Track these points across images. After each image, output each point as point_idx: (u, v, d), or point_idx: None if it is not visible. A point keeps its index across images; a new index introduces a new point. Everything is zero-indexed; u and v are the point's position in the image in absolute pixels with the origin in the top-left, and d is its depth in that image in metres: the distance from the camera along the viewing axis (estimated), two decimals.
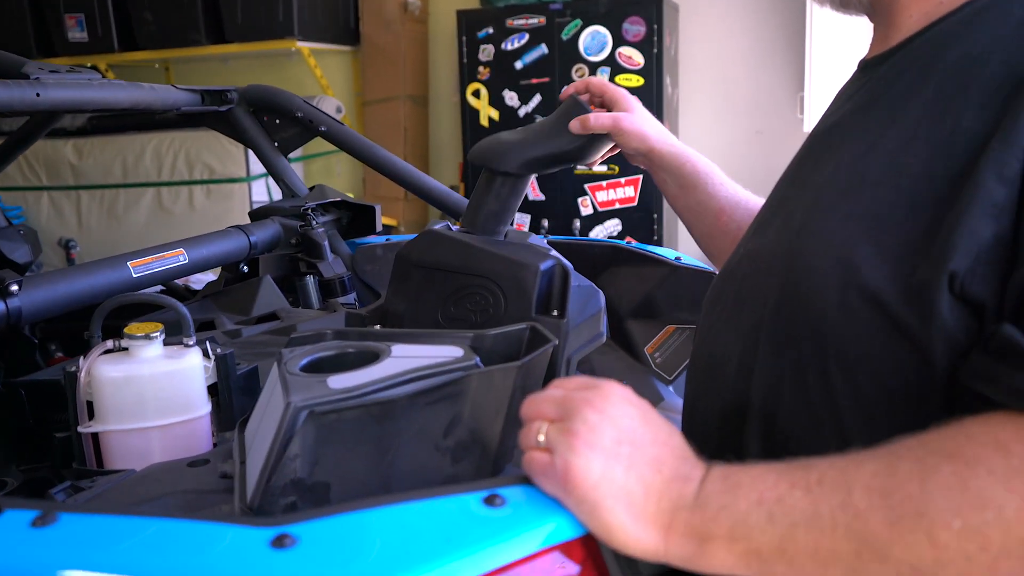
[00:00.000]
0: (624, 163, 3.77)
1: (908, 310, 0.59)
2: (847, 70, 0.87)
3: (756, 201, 1.12)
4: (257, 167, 4.09)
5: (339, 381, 0.80)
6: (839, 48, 3.45)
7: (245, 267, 1.55)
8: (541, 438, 0.62)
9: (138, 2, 4.18)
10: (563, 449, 0.58)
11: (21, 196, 4.40)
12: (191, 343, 0.98)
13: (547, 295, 1.17)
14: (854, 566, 0.50)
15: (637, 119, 1.11)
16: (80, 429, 0.95)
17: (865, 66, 0.79)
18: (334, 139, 1.66)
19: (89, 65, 4.42)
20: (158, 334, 0.96)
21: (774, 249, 0.72)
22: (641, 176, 3.78)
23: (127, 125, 4.17)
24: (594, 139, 1.10)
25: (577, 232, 3.75)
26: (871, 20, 0.80)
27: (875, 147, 0.66)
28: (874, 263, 0.61)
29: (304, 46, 4.09)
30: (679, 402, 1.12)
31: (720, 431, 0.75)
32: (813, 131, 0.81)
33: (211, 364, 1.00)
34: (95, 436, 0.95)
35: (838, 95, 0.82)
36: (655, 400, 1.10)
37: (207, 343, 1.00)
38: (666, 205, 3.78)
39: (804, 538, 0.51)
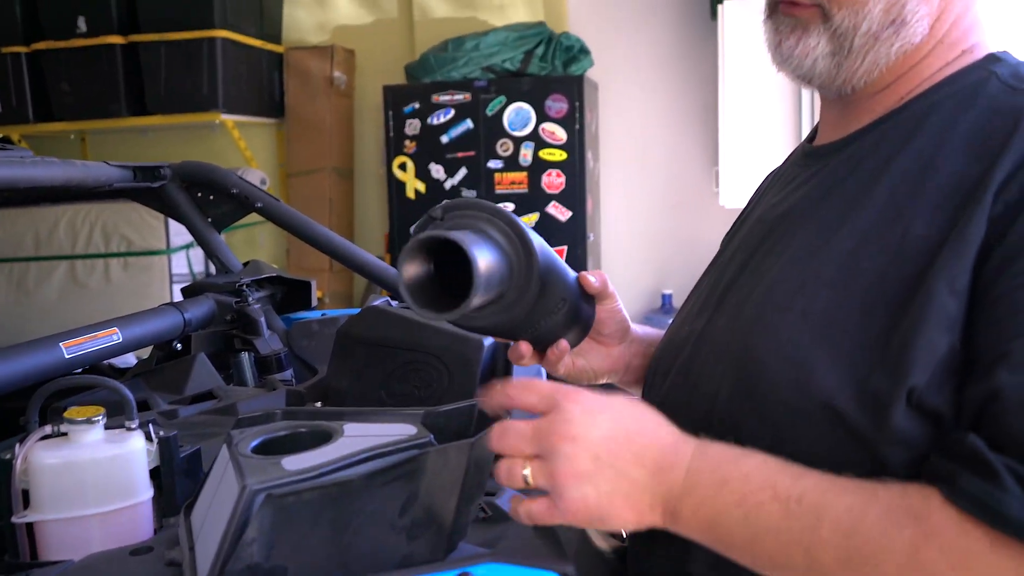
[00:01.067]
0: (549, 233, 3.86)
1: (862, 416, 0.60)
2: (757, 147, 0.92)
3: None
4: (177, 239, 4.02)
5: (294, 462, 0.80)
6: (750, 125, 3.64)
7: (179, 344, 1.53)
8: (529, 479, 0.67)
9: (55, 72, 4.12)
10: (555, 489, 0.64)
11: None
12: (134, 426, 0.96)
13: (491, 369, 1.20)
14: None
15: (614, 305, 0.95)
16: (14, 519, 0.91)
17: (816, 153, 0.80)
18: (270, 215, 1.67)
19: (1, 136, 4.31)
20: (100, 418, 0.94)
21: (725, 338, 0.73)
22: (565, 247, 3.86)
23: (40, 197, 4.06)
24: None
25: None
26: (824, 102, 0.81)
27: (828, 244, 0.68)
28: (827, 367, 0.62)
29: (228, 118, 4.09)
30: None
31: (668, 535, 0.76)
32: (760, 215, 0.81)
33: (153, 447, 0.98)
34: (30, 526, 0.92)
35: (782, 178, 0.83)
36: None
37: (149, 425, 0.98)
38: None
39: (770, 544, 0.58)
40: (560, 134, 3.81)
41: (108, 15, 3.95)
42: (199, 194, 1.72)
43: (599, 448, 0.63)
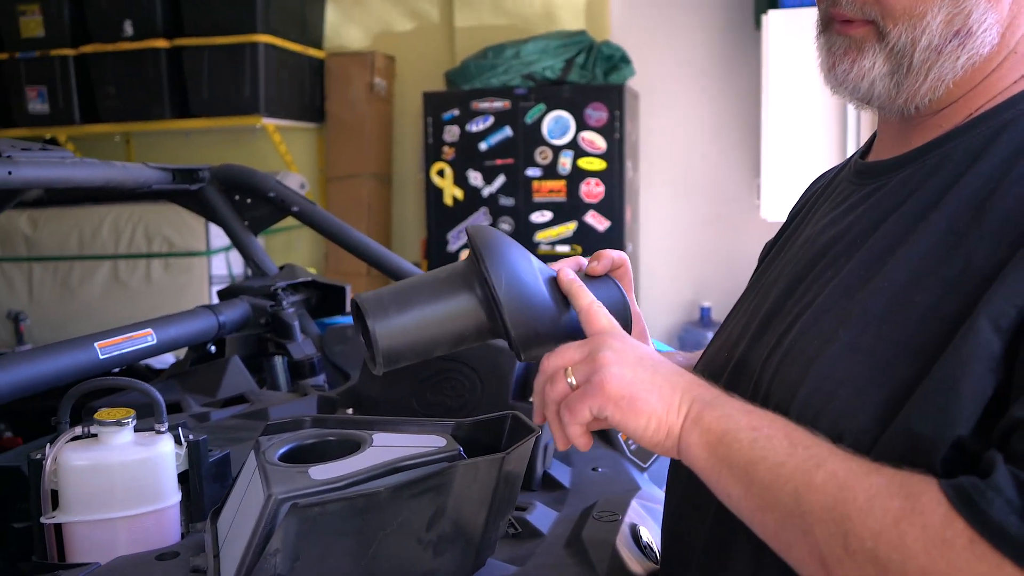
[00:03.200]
0: (586, 243, 3.83)
1: (901, 463, 0.55)
2: (800, 159, 0.87)
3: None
4: (217, 241, 4.06)
5: (321, 472, 0.79)
6: (793, 136, 3.58)
7: (213, 347, 1.53)
8: (571, 380, 0.67)
9: (101, 75, 4.19)
10: (594, 371, 0.66)
11: None
12: (163, 429, 0.96)
13: (524, 380, 1.17)
14: (782, 521, 0.57)
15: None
16: (43, 520, 0.91)
17: (871, 170, 0.74)
18: (306, 219, 1.67)
19: (48, 137, 4.39)
20: (129, 420, 0.94)
21: (765, 370, 0.69)
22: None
23: (85, 197, 4.13)
24: None
25: None
26: (882, 116, 0.74)
27: (880, 275, 0.63)
28: (871, 411, 0.58)
29: (269, 122, 4.12)
30: (656, 492, 1.11)
31: (704, 558, 0.73)
32: (809, 236, 0.76)
33: (182, 451, 0.97)
34: (58, 527, 0.91)
35: (834, 195, 0.78)
36: (633, 489, 1.10)
37: (179, 429, 0.98)
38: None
39: (763, 473, 0.58)
40: (599, 143, 3.79)
41: (153, 19, 4.01)
42: (236, 197, 1.73)
43: (645, 357, 0.67)
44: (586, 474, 1.15)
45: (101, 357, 1.20)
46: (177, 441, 0.97)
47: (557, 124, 3.82)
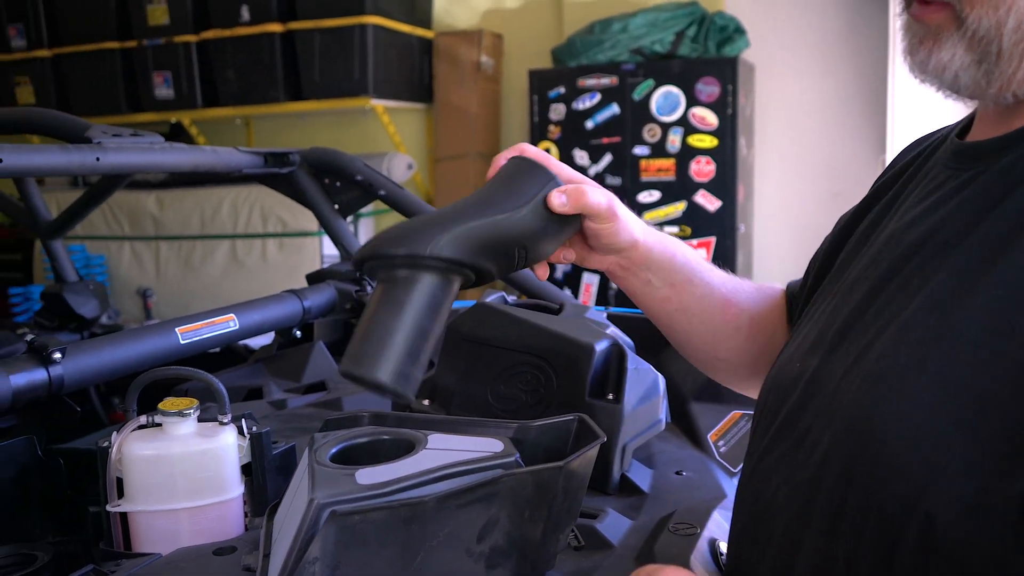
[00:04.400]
0: (696, 223, 3.69)
1: (1016, 532, 0.46)
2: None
3: (743, 281, 0.93)
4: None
5: (368, 476, 0.75)
6: (924, 109, 3.32)
7: (298, 332, 1.53)
8: None
9: (221, 61, 4.32)
10: None
11: (105, 245, 4.54)
12: (226, 420, 0.94)
13: (602, 377, 1.10)
14: None
15: (620, 206, 0.82)
16: (108, 508, 0.91)
17: (968, 152, 0.63)
18: (393, 203, 1.64)
19: (173, 121, 4.58)
20: (192, 411, 0.93)
21: (840, 394, 0.60)
22: (713, 239, 3.68)
23: (206, 178, 4.29)
24: (555, 225, 0.78)
25: (612, 295, 3.66)
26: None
27: (977, 288, 0.53)
28: (969, 465, 0.49)
29: (378, 104, 4.16)
30: None
31: None
32: (894, 233, 0.66)
33: (246, 443, 0.96)
34: (124, 516, 0.92)
35: (925, 181, 0.67)
36: (718, 497, 1.01)
37: (243, 420, 0.96)
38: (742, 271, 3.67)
39: None
40: (711, 119, 3.63)
41: (268, 3, 4.10)
42: (327, 180, 1.72)
43: None
44: (669, 478, 1.08)
45: (181, 342, 1.21)
46: (240, 432, 0.96)
47: (666, 100, 3.68)
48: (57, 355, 1.03)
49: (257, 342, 2.12)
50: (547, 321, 1.14)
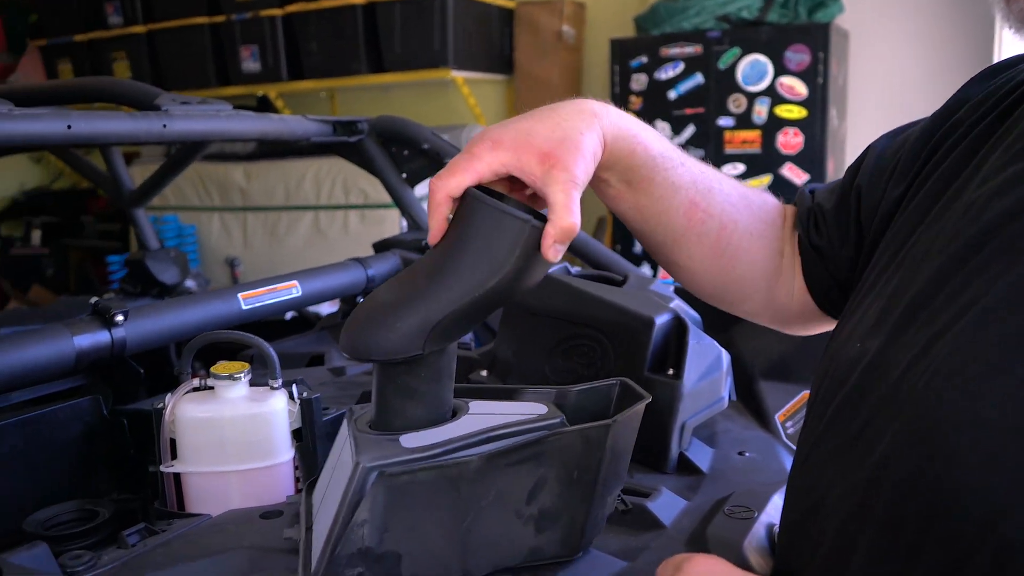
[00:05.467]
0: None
1: None
2: None
3: (729, 183, 0.83)
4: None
5: (412, 440, 0.73)
6: None
7: (361, 299, 1.52)
8: None
9: (305, 33, 4.38)
10: None
11: (196, 216, 4.69)
12: (276, 385, 0.94)
13: (662, 351, 1.06)
14: None
15: (567, 156, 0.68)
16: (162, 468, 0.93)
17: None
18: None
19: (260, 94, 4.67)
20: (243, 375, 0.93)
21: (905, 384, 0.53)
22: None
23: (291, 150, 4.36)
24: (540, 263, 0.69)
25: None
26: None
27: None
28: None
29: (458, 75, 4.14)
30: None
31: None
32: (973, 203, 0.57)
33: (296, 408, 0.96)
34: (177, 476, 0.93)
35: (1010, 141, 0.59)
36: (780, 480, 0.96)
37: (293, 386, 0.96)
38: None
39: None
40: (800, 89, 3.48)
41: None
42: (394, 149, 1.71)
43: None
44: (730, 458, 1.03)
45: (244, 308, 1.22)
46: (291, 397, 0.96)
47: (753, 69, 3.55)
48: (119, 317, 1.05)
49: (327, 310, 2.14)
50: (608, 293, 1.11)
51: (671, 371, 1.02)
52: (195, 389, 0.94)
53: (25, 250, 5.17)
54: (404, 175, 1.72)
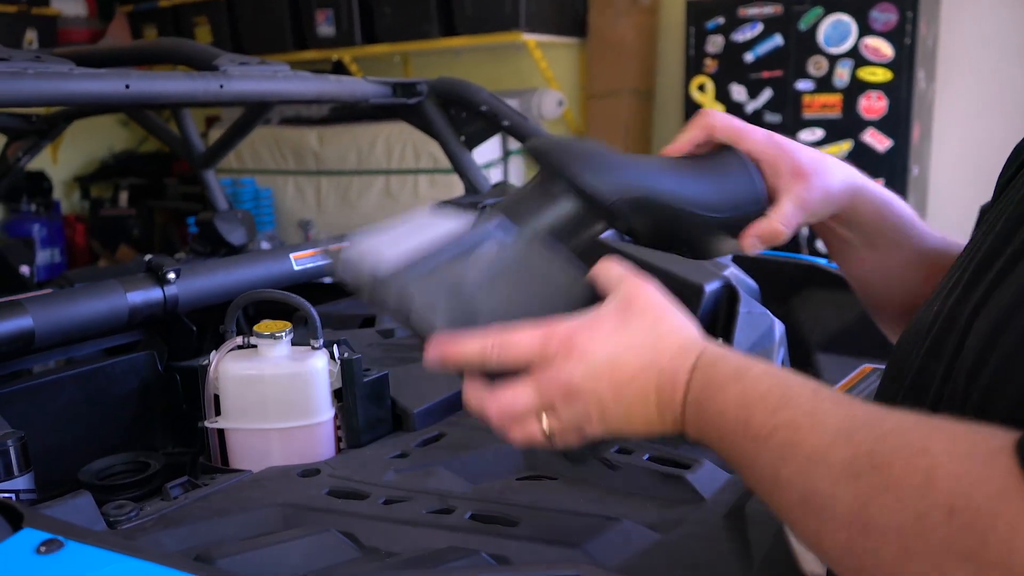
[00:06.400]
0: (863, 164, 3.41)
1: None
2: None
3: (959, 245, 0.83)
4: (479, 158, 4.16)
5: None
6: None
7: None
8: (546, 428, 0.60)
9: None
10: (571, 435, 0.60)
11: (272, 179, 4.78)
12: (318, 345, 0.95)
13: (712, 319, 1.02)
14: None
15: (816, 181, 0.73)
16: (206, 424, 0.94)
17: None
18: (517, 134, 1.59)
19: (335, 58, 4.71)
20: (285, 334, 0.94)
21: (974, 331, 0.51)
22: (881, 181, 3.39)
23: (363, 115, 4.39)
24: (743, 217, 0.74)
25: (804, 239, 3.44)
26: None
27: None
28: None
29: (530, 38, 4.08)
30: None
31: None
32: None
33: (337, 368, 0.96)
34: (221, 432, 0.95)
35: None
36: None
37: (335, 346, 0.96)
38: None
39: (747, 477, 0.52)
40: (885, 50, 3.32)
41: None
42: (453, 112, 1.69)
43: (602, 391, 0.58)
44: None
45: (295, 268, 1.23)
46: (332, 358, 0.96)
47: (836, 30, 3.39)
48: (171, 275, 1.07)
49: None
50: (657, 258, 1.07)
51: (720, 340, 0.99)
52: (239, 347, 0.96)
53: (113, 211, 5.37)
54: (463, 138, 1.71)
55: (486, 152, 4.31)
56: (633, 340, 0.59)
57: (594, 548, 0.72)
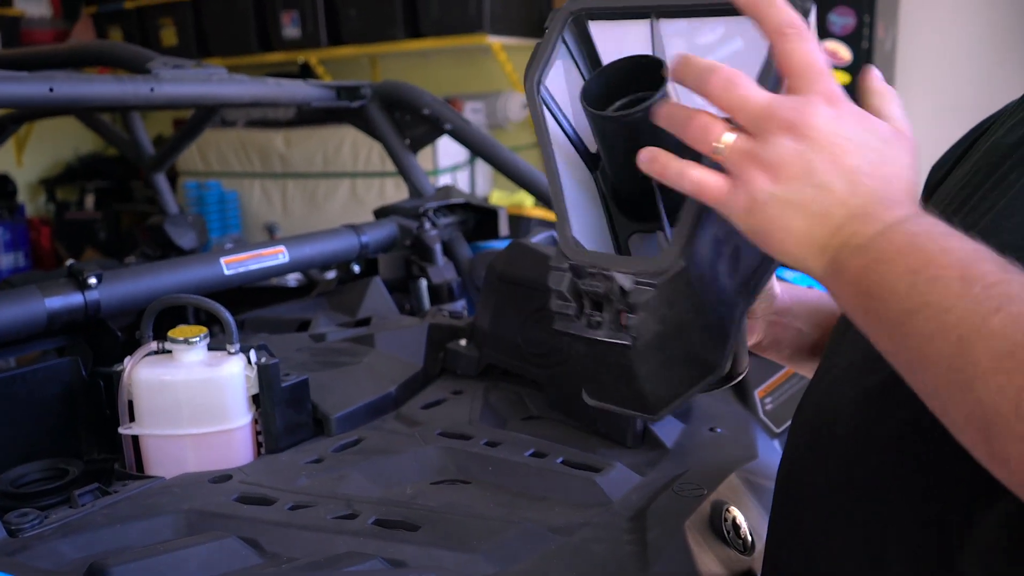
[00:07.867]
0: None
1: None
2: None
3: None
4: (444, 161, 4.15)
5: None
6: None
7: (357, 267, 1.52)
8: (719, 146, 0.54)
9: None
10: (746, 184, 0.53)
11: (238, 182, 4.75)
12: (233, 350, 0.94)
13: None
14: (941, 378, 0.45)
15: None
16: (120, 430, 0.94)
17: None
18: (460, 137, 1.60)
19: (301, 60, 4.69)
20: (199, 339, 0.93)
21: None
22: None
23: (330, 117, 4.37)
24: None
25: None
26: None
27: None
28: None
29: (495, 41, 4.09)
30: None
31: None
32: (991, 144, 0.62)
33: (254, 373, 0.96)
34: (135, 439, 0.94)
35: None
36: (746, 457, 0.93)
37: (251, 351, 0.96)
38: None
39: (920, 324, 0.47)
40: (844, 54, 3.35)
41: None
42: (397, 115, 1.69)
43: (821, 169, 0.53)
44: (699, 435, 1.00)
45: (226, 273, 1.22)
46: (249, 362, 0.95)
47: None
48: (92, 280, 1.06)
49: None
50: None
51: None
52: (154, 353, 0.95)
53: (79, 214, 5.31)
54: (408, 141, 1.71)
55: (454, 155, 4.31)
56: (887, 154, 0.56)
57: (491, 551, 0.72)
